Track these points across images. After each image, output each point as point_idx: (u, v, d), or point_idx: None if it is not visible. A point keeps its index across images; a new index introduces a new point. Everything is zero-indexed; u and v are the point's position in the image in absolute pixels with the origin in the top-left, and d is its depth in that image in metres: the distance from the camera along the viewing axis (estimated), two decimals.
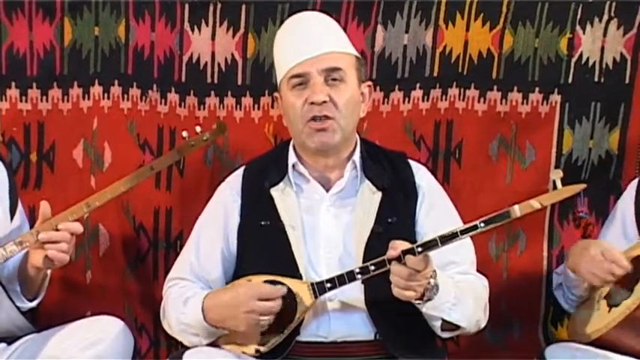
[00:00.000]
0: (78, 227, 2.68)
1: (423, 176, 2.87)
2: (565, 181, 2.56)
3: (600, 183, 3.20)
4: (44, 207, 2.70)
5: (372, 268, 2.57)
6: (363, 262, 2.63)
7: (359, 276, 2.59)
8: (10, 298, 2.76)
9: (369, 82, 2.83)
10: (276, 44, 2.85)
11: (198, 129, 2.86)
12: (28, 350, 2.73)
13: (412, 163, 2.90)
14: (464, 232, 2.53)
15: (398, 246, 2.51)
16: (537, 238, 3.29)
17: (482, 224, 2.52)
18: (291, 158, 2.81)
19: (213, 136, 2.89)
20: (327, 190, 2.79)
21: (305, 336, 2.70)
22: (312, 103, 2.67)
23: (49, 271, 2.81)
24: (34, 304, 2.83)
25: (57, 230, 2.66)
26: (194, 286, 2.82)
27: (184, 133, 2.86)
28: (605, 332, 2.72)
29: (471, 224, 2.53)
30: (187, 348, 2.73)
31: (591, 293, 2.87)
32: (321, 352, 2.70)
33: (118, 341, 2.74)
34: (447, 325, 2.68)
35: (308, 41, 2.73)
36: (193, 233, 2.90)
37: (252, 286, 2.64)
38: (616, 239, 2.91)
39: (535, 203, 2.54)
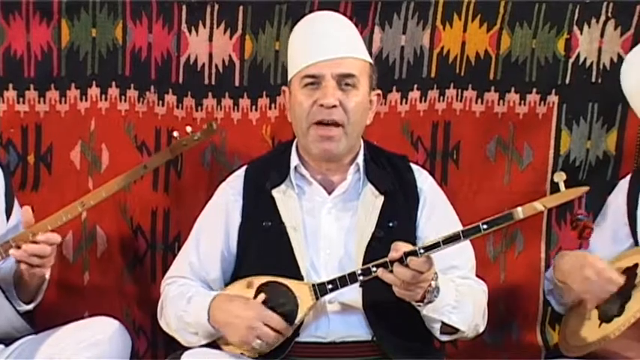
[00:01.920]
0: (56, 238, 2.66)
1: (425, 180, 2.87)
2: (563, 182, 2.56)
3: (598, 183, 3.17)
4: (26, 213, 2.68)
5: (374, 269, 2.56)
6: (363, 265, 2.62)
7: (361, 277, 2.59)
8: (9, 300, 2.76)
9: (379, 91, 2.83)
10: (293, 38, 2.84)
11: (189, 129, 2.87)
12: (26, 351, 2.73)
13: (414, 166, 2.90)
14: (466, 233, 2.52)
15: (400, 247, 2.51)
16: (535, 239, 3.29)
17: (484, 226, 2.51)
18: (294, 160, 2.80)
19: (204, 136, 2.90)
20: (330, 193, 2.78)
21: (304, 336, 2.69)
22: (322, 106, 2.67)
23: (47, 276, 2.81)
24: (30, 307, 2.82)
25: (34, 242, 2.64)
26: (194, 284, 2.82)
27: (175, 133, 2.87)
28: (601, 346, 2.73)
29: (474, 226, 2.52)
30: (186, 348, 2.72)
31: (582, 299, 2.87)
32: (320, 352, 2.69)
33: (115, 342, 2.74)
34: (447, 329, 2.68)
35: (326, 42, 2.73)
36: (193, 232, 2.90)
37: (265, 310, 2.63)
38: (606, 241, 2.93)
39: (538, 205, 2.53)
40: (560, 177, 2.55)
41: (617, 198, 2.98)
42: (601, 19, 3.16)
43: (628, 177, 3.00)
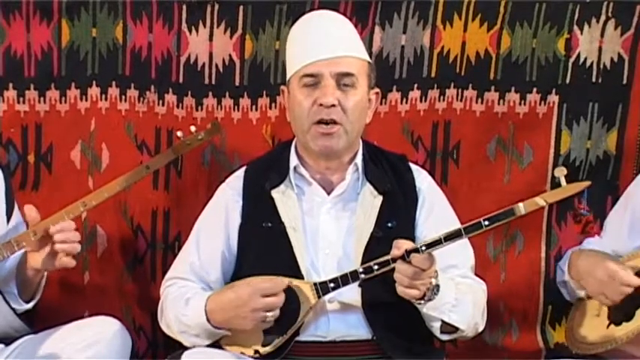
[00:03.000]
0: (70, 225, 2.68)
1: (423, 180, 2.87)
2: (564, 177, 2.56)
3: (598, 183, 3.18)
4: (30, 211, 2.69)
5: (376, 267, 2.57)
6: (362, 265, 2.62)
7: (362, 275, 2.59)
8: (6, 301, 2.75)
9: (377, 90, 2.82)
10: (290, 38, 2.83)
11: (193, 129, 2.88)
12: (26, 351, 2.73)
13: (413, 166, 2.90)
14: (467, 230, 2.52)
15: (402, 245, 2.51)
16: (535, 239, 3.29)
17: (486, 222, 2.51)
18: (293, 160, 2.80)
19: (208, 136, 2.91)
20: (329, 193, 2.78)
21: (304, 336, 2.69)
22: (321, 105, 2.67)
23: (45, 273, 2.81)
24: (30, 305, 2.82)
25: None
26: (194, 286, 2.81)
27: (179, 133, 2.88)
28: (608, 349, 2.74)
29: (475, 222, 2.52)
30: (186, 348, 2.72)
31: None
32: (320, 351, 2.70)
33: (115, 342, 2.74)
34: (446, 328, 2.68)
35: (325, 41, 2.72)
36: (193, 233, 2.90)
37: (254, 284, 2.63)
38: (622, 233, 2.91)
39: (540, 201, 2.53)
40: (560, 172, 2.55)
41: (637, 195, 2.95)
42: (601, 19, 3.16)
43: None
